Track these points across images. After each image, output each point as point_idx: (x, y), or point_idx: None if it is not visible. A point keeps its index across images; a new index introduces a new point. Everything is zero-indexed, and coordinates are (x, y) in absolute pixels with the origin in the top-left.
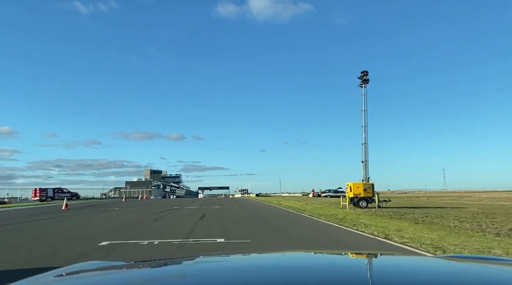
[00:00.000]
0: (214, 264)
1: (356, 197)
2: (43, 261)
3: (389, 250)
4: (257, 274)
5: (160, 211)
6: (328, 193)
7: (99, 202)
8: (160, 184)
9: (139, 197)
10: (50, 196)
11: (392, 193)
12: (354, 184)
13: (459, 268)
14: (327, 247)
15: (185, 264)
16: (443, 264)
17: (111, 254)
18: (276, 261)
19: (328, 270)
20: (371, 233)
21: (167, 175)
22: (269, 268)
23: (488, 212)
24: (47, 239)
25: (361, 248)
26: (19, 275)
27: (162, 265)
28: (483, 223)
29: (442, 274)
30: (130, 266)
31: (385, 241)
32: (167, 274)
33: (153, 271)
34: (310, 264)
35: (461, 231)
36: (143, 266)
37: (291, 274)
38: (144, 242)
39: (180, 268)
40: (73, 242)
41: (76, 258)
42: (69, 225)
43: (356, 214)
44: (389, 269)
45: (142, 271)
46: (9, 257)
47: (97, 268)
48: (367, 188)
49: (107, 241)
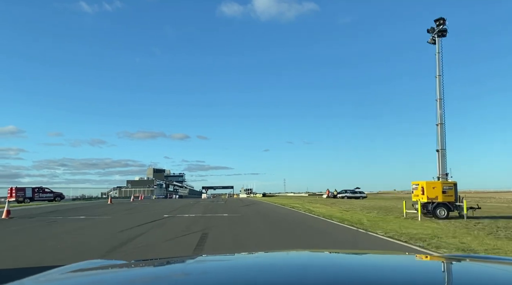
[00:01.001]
0: (217, 263)
1: (431, 202)
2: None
3: None
4: (260, 273)
5: (140, 224)
6: (345, 193)
7: (80, 205)
8: (162, 183)
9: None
10: (29, 197)
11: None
12: (428, 183)
13: (463, 268)
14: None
15: (187, 263)
16: (447, 264)
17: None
18: (280, 261)
19: (332, 270)
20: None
21: (171, 174)
22: (272, 267)
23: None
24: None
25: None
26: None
27: (164, 264)
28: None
29: (445, 274)
30: (131, 265)
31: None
32: (169, 273)
33: (155, 270)
34: (314, 263)
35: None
36: (145, 265)
37: (295, 273)
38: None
39: (182, 267)
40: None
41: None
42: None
43: (449, 231)
44: (393, 268)
45: (144, 270)
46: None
47: (99, 266)
48: (448, 189)
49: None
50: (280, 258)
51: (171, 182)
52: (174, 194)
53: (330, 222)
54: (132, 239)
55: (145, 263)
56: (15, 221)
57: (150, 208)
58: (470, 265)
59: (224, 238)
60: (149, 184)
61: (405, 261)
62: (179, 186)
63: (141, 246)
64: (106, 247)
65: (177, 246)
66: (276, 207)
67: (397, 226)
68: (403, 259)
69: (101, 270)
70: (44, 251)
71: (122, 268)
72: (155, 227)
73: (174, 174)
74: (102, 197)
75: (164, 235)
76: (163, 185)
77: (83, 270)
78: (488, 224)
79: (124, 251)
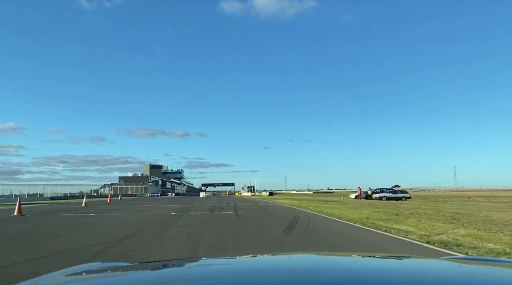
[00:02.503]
0: (220, 266)
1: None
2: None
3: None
4: (262, 276)
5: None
6: (382, 193)
7: (42, 209)
8: (158, 180)
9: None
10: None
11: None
12: None
13: (463, 270)
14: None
15: (191, 265)
16: (446, 266)
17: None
18: (284, 264)
19: (335, 273)
20: None
21: (168, 171)
22: (274, 270)
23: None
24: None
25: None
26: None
27: (166, 267)
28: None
29: (448, 275)
30: (134, 267)
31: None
32: (171, 275)
33: (158, 272)
34: (316, 266)
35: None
36: (148, 267)
37: (300, 276)
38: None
39: (186, 270)
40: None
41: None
42: None
43: None
44: (394, 271)
45: (147, 272)
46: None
47: (101, 269)
48: None
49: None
50: (285, 262)
51: (168, 178)
52: (170, 191)
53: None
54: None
55: (149, 265)
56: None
57: (121, 216)
58: (468, 267)
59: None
60: (143, 180)
61: (410, 263)
62: (178, 183)
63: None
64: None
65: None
66: (323, 219)
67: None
68: (408, 262)
69: (103, 273)
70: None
71: (125, 271)
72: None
73: (172, 171)
74: (93, 194)
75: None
76: (159, 182)
77: (85, 272)
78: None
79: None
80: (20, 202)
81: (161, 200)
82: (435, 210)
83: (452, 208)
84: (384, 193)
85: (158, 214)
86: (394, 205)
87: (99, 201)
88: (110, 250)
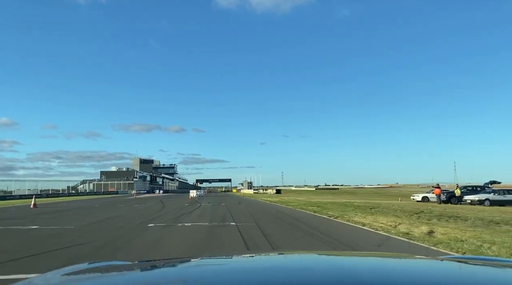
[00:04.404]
0: (220, 266)
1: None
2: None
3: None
4: (259, 275)
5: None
6: (481, 194)
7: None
8: (146, 175)
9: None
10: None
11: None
12: None
13: (462, 270)
14: None
15: (191, 263)
16: (446, 266)
17: None
18: (284, 263)
19: (330, 272)
20: None
21: (160, 166)
22: (270, 269)
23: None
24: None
25: None
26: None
27: (163, 266)
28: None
29: (449, 276)
30: (131, 267)
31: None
32: (168, 275)
33: (154, 272)
34: (315, 266)
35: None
36: (145, 266)
37: (297, 276)
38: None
39: (186, 268)
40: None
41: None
42: None
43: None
44: (398, 271)
45: (144, 271)
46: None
47: (97, 268)
48: None
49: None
50: (285, 261)
51: (159, 174)
52: (159, 189)
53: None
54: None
55: (148, 264)
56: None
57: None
58: (471, 267)
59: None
60: (128, 176)
61: (410, 263)
62: (170, 179)
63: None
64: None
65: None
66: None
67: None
68: (408, 262)
69: (102, 272)
70: None
71: (124, 270)
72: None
73: (164, 166)
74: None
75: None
76: (147, 177)
77: (83, 271)
78: None
79: None
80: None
81: (136, 202)
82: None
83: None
84: (487, 195)
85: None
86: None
87: (54, 205)
88: None
